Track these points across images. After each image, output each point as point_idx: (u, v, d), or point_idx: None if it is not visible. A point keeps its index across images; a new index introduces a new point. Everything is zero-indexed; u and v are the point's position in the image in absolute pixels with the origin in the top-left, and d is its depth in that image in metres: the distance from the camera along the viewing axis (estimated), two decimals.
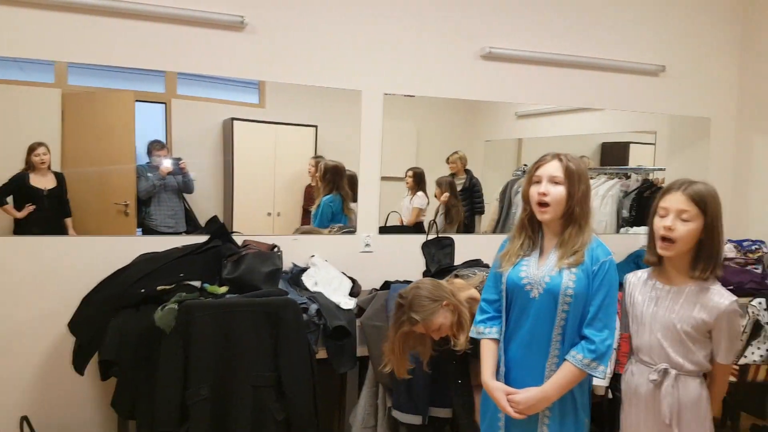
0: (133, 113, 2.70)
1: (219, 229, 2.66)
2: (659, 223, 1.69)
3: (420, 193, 3.27)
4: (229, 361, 2.15)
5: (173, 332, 2.11)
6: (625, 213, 3.69)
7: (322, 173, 3.03)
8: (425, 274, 2.86)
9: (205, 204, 2.90)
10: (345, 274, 2.84)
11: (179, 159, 2.82)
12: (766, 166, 3.56)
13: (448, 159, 3.37)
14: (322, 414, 2.34)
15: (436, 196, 3.33)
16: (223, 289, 2.36)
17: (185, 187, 2.86)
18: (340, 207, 3.09)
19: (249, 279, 2.39)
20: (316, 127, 3.03)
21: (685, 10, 3.59)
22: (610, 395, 2.60)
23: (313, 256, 2.93)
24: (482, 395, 1.94)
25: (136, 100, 2.70)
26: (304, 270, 2.79)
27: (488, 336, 1.88)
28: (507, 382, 1.84)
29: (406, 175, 3.26)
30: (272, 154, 3.02)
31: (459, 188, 3.38)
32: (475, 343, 1.96)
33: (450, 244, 2.94)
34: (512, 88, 3.28)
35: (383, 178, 3.14)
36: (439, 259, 2.89)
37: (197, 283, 2.39)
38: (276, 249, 2.73)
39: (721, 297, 1.64)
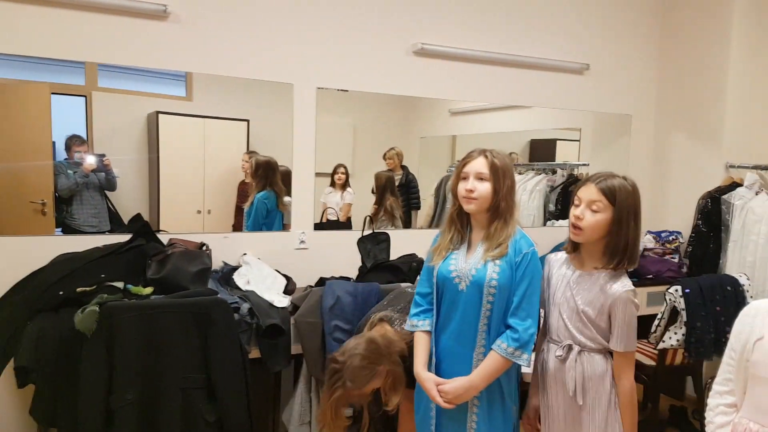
0: (49, 106, 2.55)
1: (142, 228, 2.56)
2: (572, 212, 1.77)
3: (350, 189, 3.27)
4: (155, 364, 2.09)
5: (95, 336, 2.03)
6: (552, 207, 3.83)
7: (254, 169, 2.97)
8: (361, 269, 2.87)
9: (129, 202, 2.78)
10: (279, 271, 2.80)
11: (103, 155, 2.69)
12: (683, 161, 3.78)
13: (385, 155, 3.39)
14: (256, 414, 2.31)
15: (373, 192, 3.35)
16: (148, 290, 2.27)
17: (108, 184, 2.74)
18: (274, 204, 3.05)
19: (175, 279, 2.31)
20: (248, 121, 2.97)
21: (608, 10, 3.74)
22: None
23: (245, 254, 2.87)
24: (416, 387, 1.96)
25: (53, 93, 2.55)
26: (235, 269, 2.73)
27: (421, 328, 1.92)
28: (438, 373, 1.87)
29: (338, 171, 3.24)
30: (201, 149, 2.93)
31: (396, 184, 3.41)
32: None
33: (386, 239, 2.96)
34: (444, 85, 3.33)
35: (319, 174, 3.12)
36: (375, 254, 2.90)
37: (120, 285, 2.29)
38: (205, 247, 2.65)
39: (619, 285, 1.72)
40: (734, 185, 3.41)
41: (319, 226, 3.14)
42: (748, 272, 3.13)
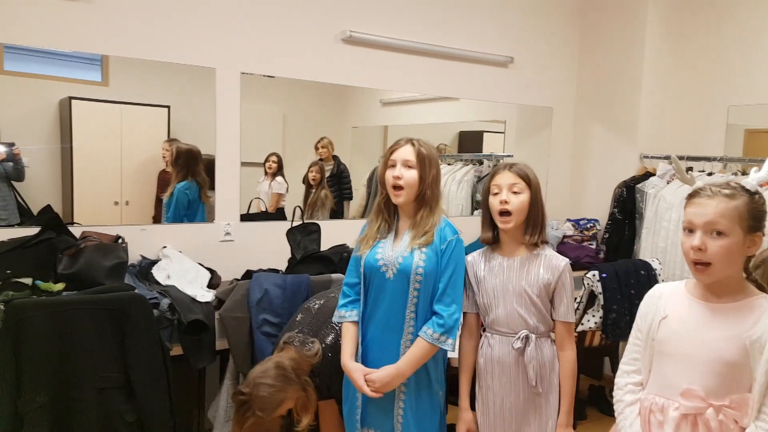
0: None
1: (52, 220, 2.39)
2: (495, 200, 1.83)
3: (279, 179, 3.21)
4: (68, 364, 1.97)
5: (0, 335, 1.89)
6: (479, 197, 3.91)
7: (174, 158, 2.84)
8: (290, 261, 2.82)
9: (40, 194, 2.59)
10: (202, 265, 2.71)
11: (12, 144, 2.50)
12: (600, 152, 3.96)
13: (317, 144, 3.35)
14: (179, 412, 2.23)
15: (304, 181, 3.30)
16: (59, 286, 2.14)
17: (16, 174, 2.54)
18: (196, 194, 2.93)
19: (89, 274, 2.18)
20: (168, 107, 2.84)
21: (531, 5, 3.84)
22: None
23: (165, 247, 2.75)
24: (343, 378, 1.96)
25: None
26: (154, 263, 2.61)
27: (349, 319, 1.92)
28: (365, 363, 1.88)
29: (269, 160, 3.16)
30: (118, 137, 2.77)
31: (327, 174, 3.37)
32: None
33: (316, 230, 2.92)
34: (374, 74, 3.32)
35: (246, 164, 3.03)
36: (305, 246, 2.85)
37: (28, 281, 2.14)
38: (120, 240, 2.53)
39: (557, 259, 1.86)
40: (648, 175, 3.61)
41: (247, 217, 3.06)
42: (660, 257, 3.33)
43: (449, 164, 3.94)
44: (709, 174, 3.36)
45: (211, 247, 2.90)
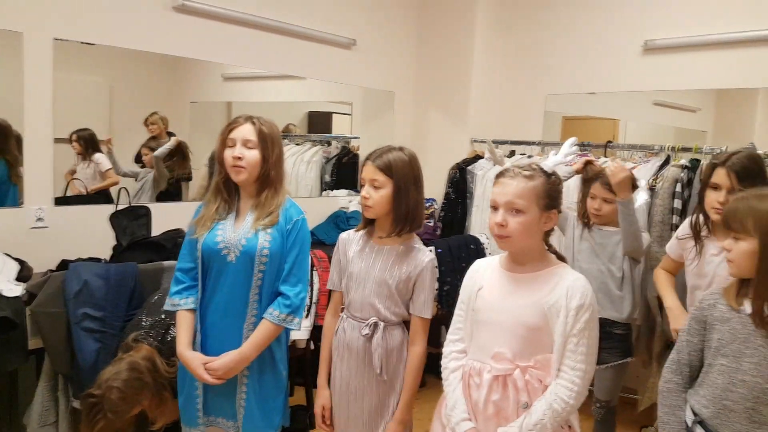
0: None
1: None
2: (361, 193, 1.81)
3: (97, 156, 2.88)
4: None
5: None
6: (327, 178, 3.94)
7: None
8: (116, 248, 2.58)
9: None
10: (10, 255, 2.37)
11: None
12: (437, 135, 4.19)
13: (146, 120, 3.08)
14: None
15: (137, 160, 3.05)
16: None
17: None
18: (6, 174, 2.56)
19: None
20: None
21: None
22: (312, 347, 2.77)
23: None
24: (179, 368, 1.86)
25: None
26: None
27: (184, 307, 1.83)
28: (205, 351, 1.81)
29: (71, 139, 2.81)
30: None
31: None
32: None
33: (145, 214, 2.70)
34: (211, 47, 3.13)
35: (63, 140, 2.70)
36: (132, 231, 2.63)
37: None
38: None
39: (423, 254, 1.83)
40: (477, 157, 3.90)
41: (63, 201, 2.73)
42: (487, 232, 3.63)
43: (297, 144, 3.89)
44: (529, 156, 3.72)
45: (19, 235, 2.55)
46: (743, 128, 3.28)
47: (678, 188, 2.81)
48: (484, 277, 1.61)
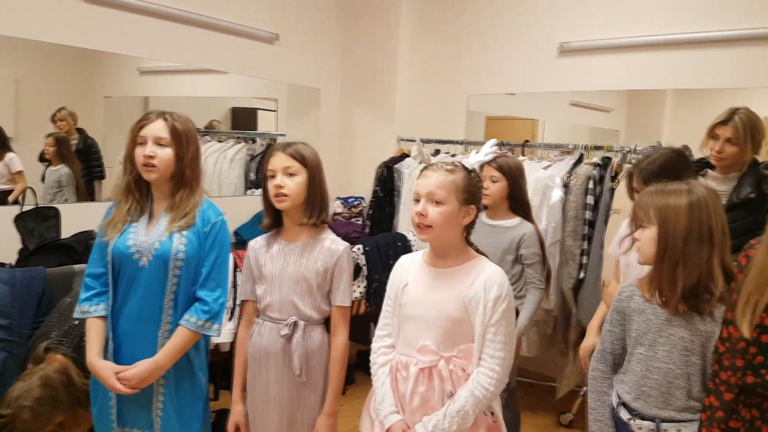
0: None
1: None
2: (271, 184, 1.76)
3: (10, 155, 2.71)
4: None
5: None
6: (252, 176, 3.86)
7: None
8: (21, 252, 2.42)
9: None
10: None
11: None
12: (364, 133, 4.19)
13: (54, 116, 2.90)
14: None
15: (42, 159, 2.87)
16: None
17: None
18: None
19: None
20: None
21: None
22: None
23: None
24: (91, 379, 1.77)
25: None
26: None
27: (95, 314, 1.73)
28: (118, 360, 1.73)
29: None
30: None
31: (73, 149, 2.98)
32: None
33: (54, 215, 2.54)
34: (125, 39, 2.98)
35: None
36: (40, 233, 2.47)
37: None
38: None
39: (337, 243, 1.82)
40: (404, 156, 3.95)
41: None
42: (414, 229, 3.67)
43: (220, 141, 3.78)
44: (453, 155, 3.80)
45: None
46: (653, 127, 3.48)
47: (590, 185, 2.96)
48: (409, 272, 1.64)
